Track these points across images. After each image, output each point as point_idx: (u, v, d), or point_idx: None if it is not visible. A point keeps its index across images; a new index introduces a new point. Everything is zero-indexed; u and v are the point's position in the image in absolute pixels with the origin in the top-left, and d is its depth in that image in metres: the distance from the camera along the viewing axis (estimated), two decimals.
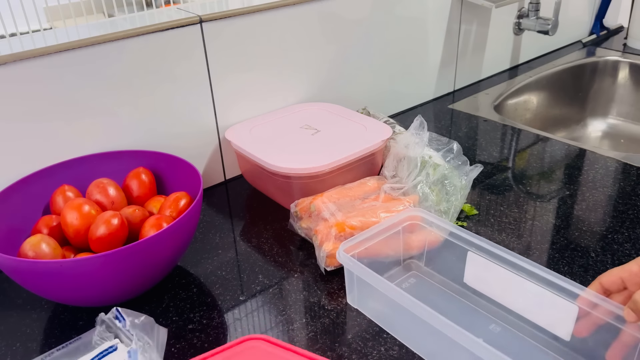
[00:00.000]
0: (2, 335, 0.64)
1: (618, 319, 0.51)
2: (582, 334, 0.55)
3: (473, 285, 0.65)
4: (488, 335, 0.60)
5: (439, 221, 0.66)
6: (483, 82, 1.35)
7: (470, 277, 0.64)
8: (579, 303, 0.54)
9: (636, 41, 1.49)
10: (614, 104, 1.48)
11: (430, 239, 0.68)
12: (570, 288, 0.54)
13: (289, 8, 0.92)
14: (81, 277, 0.59)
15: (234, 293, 0.69)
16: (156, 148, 0.80)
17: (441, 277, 0.68)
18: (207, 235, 0.81)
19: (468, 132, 1.10)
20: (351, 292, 0.62)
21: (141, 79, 0.80)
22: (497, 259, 0.60)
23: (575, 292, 0.54)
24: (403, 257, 0.70)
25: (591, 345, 0.55)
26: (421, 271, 0.70)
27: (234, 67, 0.89)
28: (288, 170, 0.79)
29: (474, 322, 0.62)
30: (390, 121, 0.96)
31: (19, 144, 0.73)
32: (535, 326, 0.59)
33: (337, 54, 1.03)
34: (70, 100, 0.75)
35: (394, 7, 1.08)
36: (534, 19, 1.32)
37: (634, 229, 0.78)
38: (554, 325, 0.57)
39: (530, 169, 0.96)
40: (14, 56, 0.69)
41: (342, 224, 0.70)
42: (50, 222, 0.69)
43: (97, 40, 0.74)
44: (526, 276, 0.58)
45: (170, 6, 0.92)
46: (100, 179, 0.73)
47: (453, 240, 0.64)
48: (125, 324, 0.56)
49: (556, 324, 0.57)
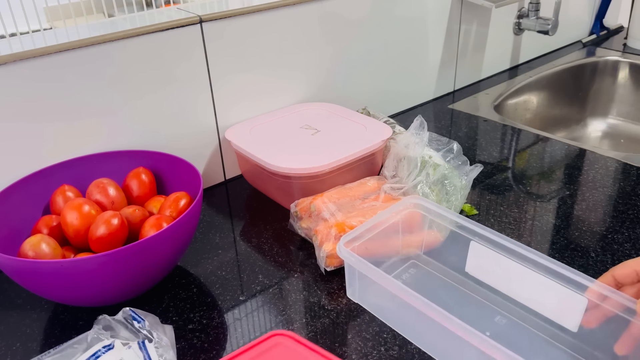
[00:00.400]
0: (2, 335, 0.64)
1: (628, 312, 0.51)
2: (590, 325, 0.54)
3: (475, 275, 0.63)
4: (494, 327, 0.59)
5: (440, 210, 0.64)
6: (483, 82, 1.35)
7: (473, 266, 0.63)
8: (588, 295, 0.53)
9: (636, 41, 1.49)
10: (614, 104, 1.48)
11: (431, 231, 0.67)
12: (580, 280, 0.54)
13: (289, 8, 0.92)
14: (81, 277, 0.59)
15: (234, 293, 0.69)
16: (156, 148, 0.80)
17: (441, 265, 0.67)
18: (207, 235, 0.81)
19: (468, 132, 1.11)
20: (352, 286, 0.62)
21: (141, 79, 0.80)
22: (502, 249, 0.59)
23: (584, 284, 0.53)
24: (402, 246, 0.69)
25: (599, 337, 0.54)
26: (420, 260, 0.69)
27: (234, 67, 0.89)
28: (288, 170, 0.79)
29: (479, 315, 0.61)
30: (390, 121, 0.96)
31: (19, 144, 0.73)
32: (541, 317, 0.58)
33: (337, 54, 1.03)
34: (71, 100, 0.75)
35: (394, 7, 1.08)
36: (534, 19, 1.32)
37: (634, 229, 0.78)
38: (562, 316, 0.56)
39: (530, 169, 0.96)
40: (14, 56, 0.69)
41: (342, 224, 0.70)
42: (50, 222, 0.69)
43: (97, 40, 0.74)
44: (532, 267, 0.57)
45: (170, 6, 0.92)
46: (100, 179, 0.73)
47: (456, 230, 0.63)
48: (144, 324, 0.56)
49: (564, 316, 0.56)
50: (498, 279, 0.62)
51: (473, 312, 0.62)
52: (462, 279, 0.65)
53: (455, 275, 0.66)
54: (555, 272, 0.55)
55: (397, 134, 0.90)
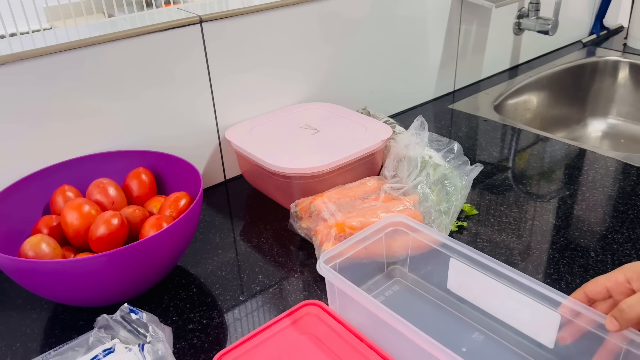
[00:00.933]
0: (2, 335, 0.64)
1: (601, 328, 0.51)
2: (565, 341, 0.54)
3: (457, 292, 0.64)
4: (471, 344, 0.60)
5: (422, 227, 0.65)
6: (483, 82, 1.35)
7: (454, 283, 0.64)
8: (560, 311, 0.53)
9: (636, 41, 1.49)
10: (614, 104, 1.48)
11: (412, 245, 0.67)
12: (552, 296, 0.54)
13: (289, 8, 0.92)
14: (81, 277, 0.59)
15: (234, 293, 0.69)
16: (156, 148, 0.80)
17: (425, 283, 0.68)
18: (207, 235, 0.81)
19: (468, 132, 1.10)
20: (333, 302, 0.62)
21: (141, 79, 0.80)
22: (479, 266, 0.60)
23: (557, 300, 0.53)
24: (387, 263, 0.69)
25: (575, 353, 0.55)
26: (405, 278, 0.69)
27: (234, 67, 0.89)
28: (288, 170, 0.79)
29: (458, 331, 0.61)
30: (390, 121, 0.96)
31: (19, 144, 0.73)
32: (519, 333, 0.59)
33: (337, 54, 1.03)
34: (70, 100, 0.75)
35: (394, 7, 1.08)
36: (534, 19, 1.32)
37: (634, 229, 0.77)
38: (537, 332, 0.57)
39: (530, 169, 0.96)
40: (14, 56, 0.69)
41: (342, 224, 0.70)
42: (50, 222, 0.69)
43: (97, 40, 0.74)
44: (508, 283, 0.57)
45: (170, 6, 0.92)
46: (100, 179, 0.73)
47: (436, 247, 0.63)
48: (142, 316, 0.56)
49: (539, 332, 0.56)
50: (477, 296, 0.62)
51: (452, 328, 0.62)
52: (444, 295, 0.66)
53: (437, 292, 0.66)
54: (530, 289, 0.55)
55: (397, 134, 0.90)
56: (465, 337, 0.61)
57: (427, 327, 0.52)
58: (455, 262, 0.62)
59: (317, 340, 0.58)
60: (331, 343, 0.57)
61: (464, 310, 0.64)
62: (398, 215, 0.68)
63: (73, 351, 0.56)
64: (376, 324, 0.56)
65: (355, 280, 0.58)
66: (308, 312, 0.61)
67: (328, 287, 0.62)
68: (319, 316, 0.61)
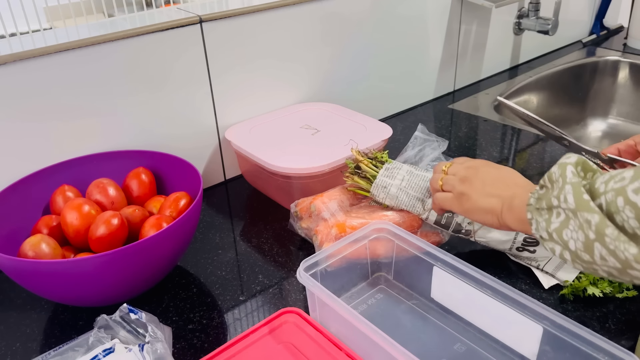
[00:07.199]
0: (2, 335, 0.64)
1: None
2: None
3: (440, 301, 0.63)
4: (452, 355, 0.58)
5: (406, 235, 0.64)
6: (483, 82, 1.35)
7: (437, 292, 0.63)
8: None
9: (636, 41, 1.49)
10: (614, 104, 1.48)
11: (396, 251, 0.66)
12: (535, 308, 0.53)
13: (289, 8, 0.92)
14: (81, 277, 0.59)
15: (234, 293, 0.69)
16: (156, 148, 0.80)
17: (409, 291, 0.67)
18: (207, 235, 0.81)
19: (468, 132, 1.10)
20: (314, 311, 0.61)
21: (141, 78, 0.80)
22: (462, 275, 0.59)
23: (541, 313, 0.52)
24: (371, 270, 0.69)
25: None
26: (389, 285, 0.68)
27: (233, 67, 0.89)
28: (288, 170, 0.79)
29: (439, 341, 0.60)
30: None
31: (19, 144, 0.73)
32: (501, 344, 0.58)
33: (337, 54, 1.03)
34: (70, 100, 0.75)
35: (394, 7, 1.08)
36: (534, 19, 1.32)
37: None
38: (520, 344, 0.56)
39: (530, 169, 0.96)
40: (14, 56, 0.69)
41: (342, 224, 0.70)
42: (50, 222, 0.69)
43: (97, 40, 0.74)
44: (491, 294, 0.56)
45: (170, 6, 0.92)
46: (100, 179, 0.73)
47: (419, 255, 0.62)
48: (141, 316, 0.56)
49: (522, 344, 0.56)
50: (460, 305, 0.61)
51: (433, 338, 0.61)
52: (428, 304, 0.65)
53: (421, 300, 0.65)
54: (513, 300, 0.55)
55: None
56: (446, 348, 0.59)
57: (409, 336, 0.50)
58: (439, 270, 0.61)
59: (294, 350, 0.57)
60: (309, 352, 0.56)
61: (447, 320, 0.62)
62: (382, 222, 0.67)
63: (73, 351, 0.56)
64: (355, 334, 0.55)
65: (339, 287, 0.57)
66: (286, 320, 0.60)
67: (308, 295, 0.61)
68: (297, 324, 0.59)
